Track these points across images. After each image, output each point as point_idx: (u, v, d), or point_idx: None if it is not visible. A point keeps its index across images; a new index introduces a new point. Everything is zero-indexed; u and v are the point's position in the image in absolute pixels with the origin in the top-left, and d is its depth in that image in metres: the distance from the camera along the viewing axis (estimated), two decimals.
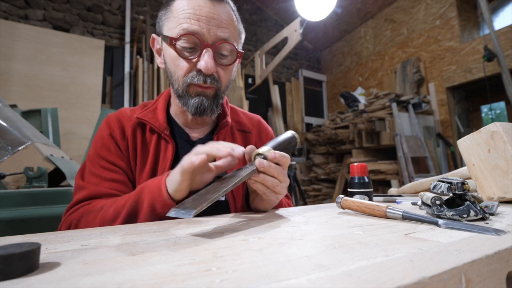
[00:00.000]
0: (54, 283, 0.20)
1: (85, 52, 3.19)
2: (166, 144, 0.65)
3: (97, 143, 0.64)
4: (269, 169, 0.46)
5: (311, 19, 3.37)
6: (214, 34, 0.58)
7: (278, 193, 0.49)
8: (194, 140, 0.69)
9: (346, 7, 4.37)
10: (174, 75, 0.62)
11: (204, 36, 0.58)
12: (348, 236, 0.32)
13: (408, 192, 0.83)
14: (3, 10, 2.92)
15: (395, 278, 0.19)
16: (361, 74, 4.74)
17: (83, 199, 0.58)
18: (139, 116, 0.65)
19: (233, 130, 0.74)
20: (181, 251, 0.27)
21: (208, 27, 0.58)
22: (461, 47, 3.28)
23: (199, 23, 0.57)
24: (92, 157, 0.63)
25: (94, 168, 0.62)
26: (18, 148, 1.20)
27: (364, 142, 3.38)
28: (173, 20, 0.59)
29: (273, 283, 0.19)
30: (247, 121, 0.79)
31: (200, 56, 0.59)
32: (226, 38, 0.60)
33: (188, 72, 0.60)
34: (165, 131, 0.64)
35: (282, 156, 0.48)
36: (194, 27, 0.57)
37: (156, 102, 0.71)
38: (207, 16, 0.57)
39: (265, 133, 0.80)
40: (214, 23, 0.58)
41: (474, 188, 0.44)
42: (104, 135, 0.64)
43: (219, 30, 0.59)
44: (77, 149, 2.89)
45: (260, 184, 0.47)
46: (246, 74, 4.51)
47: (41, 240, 0.34)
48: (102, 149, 0.63)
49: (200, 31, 0.57)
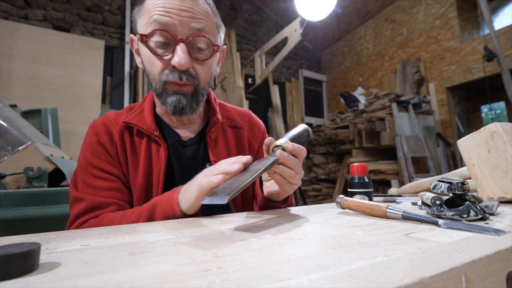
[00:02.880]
0: (54, 283, 0.20)
1: (85, 52, 3.19)
2: (157, 147, 0.63)
3: (86, 152, 0.62)
4: (288, 161, 0.48)
5: (311, 19, 3.37)
6: (187, 26, 0.56)
7: (294, 184, 0.51)
8: (184, 140, 0.68)
9: (346, 7, 4.36)
10: (150, 74, 0.60)
11: (176, 29, 0.56)
12: (348, 236, 0.32)
13: (408, 192, 0.83)
14: (3, 10, 2.92)
15: (395, 278, 0.19)
16: (361, 74, 4.73)
17: (83, 211, 0.57)
18: (126, 120, 0.63)
19: (224, 127, 0.72)
20: (181, 251, 0.27)
21: (180, 19, 0.56)
22: (461, 47, 3.28)
23: (171, 15, 0.55)
24: (83, 166, 0.61)
25: (87, 178, 0.60)
26: (18, 148, 1.20)
27: (364, 142, 3.37)
28: (144, 16, 0.57)
29: (273, 283, 0.19)
30: (238, 117, 0.77)
31: (174, 51, 0.57)
32: (200, 29, 0.58)
33: (163, 69, 0.58)
34: (154, 133, 0.63)
35: (299, 148, 0.50)
36: (165, 19, 0.55)
37: (143, 104, 0.69)
38: (178, 8, 0.56)
39: (257, 127, 0.79)
40: (186, 14, 0.56)
41: (474, 188, 0.44)
42: (92, 142, 0.62)
43: (192, 21, 0.57)
44: (77, 149, 2.89)
45: (279, 175, 0.49)
46: (246, 74, 4.50)
47: (41, 240, 0.34)
48: (92, 157, 0.61)
49: (172, 23, 0.55)
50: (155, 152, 0.63)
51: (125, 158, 0.62)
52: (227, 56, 4.03)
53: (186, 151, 0.67)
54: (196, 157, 0.67)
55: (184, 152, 0.66)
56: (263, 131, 0.80)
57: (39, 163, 1.21)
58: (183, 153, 0.66)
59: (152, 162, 0.62)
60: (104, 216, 0.55)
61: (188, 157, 0.66)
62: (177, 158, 0.65)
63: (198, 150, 0.67)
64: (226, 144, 0.70)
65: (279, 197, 0.57)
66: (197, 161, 0.66)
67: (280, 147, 0.50)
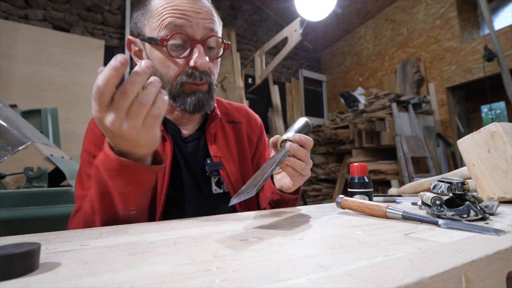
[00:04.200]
0: (54, 283, 0.20)
1: (85, 52, 3.19)
2: (162, 141, 0.63)
3: (89, 146, 0.61)
4: (299, 152, 0.51)
5: (311, 19, 3.37)
6: (202, 27, 0.58)
7: (305, 175, 0.54)
8: (185, 137, 0.68)
9: (346, 7, 4.36)
10: (165, 76, 0.59)
11: (193, 31, 0.57)
12: (348, 236, 0.32)
13: (408, 192, 0.83)
14: (3, 10, 2.92)
15: (395, 278, 0.19)
16: (361, 74, 4.73)
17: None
18: None
19: (223, 122, 0.73)
20: (181, 251, 0.27)
21: (196, 21, 0.57)
22: (461, 47, 3.28)
23: (186, 17, 0.56)
24: (87, 160, 0.60)
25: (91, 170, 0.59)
26: (18, 148, 1.20)
27: (364, 142, 3.37)
28: (155, 20, 0.57)
29: (273, 283, 0.19)
30: (235, 112, 0.78)
31: (192, 53, 0.57)
32: (212, 29, 0.59)
33: (181, 71, 0.59)
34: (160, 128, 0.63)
35: (306, 138, 0.53)
36: (181, 21, 0.55)
37: None
38: (191, 10, 0.56)
39: (254, 121, 0.80)
40: (199, 16, 0.57)
41: (474, 188, 0.44)
42: (95, 135, 0.61)
43: (205, 22, 0.58)
44: (77, 149, 2.89)
45: (291, 168, 0.52)
46: (246, 74, 4.50)
47: (41, 240, 0.34)
48: (97, 150, 0.59)
49: (188, 26, 0.56)
50: (161, 146, 0.63)
51: None
52: (227, 56, 4.03)
53: (187, 147, 0.67)
54: (197, 153, 0.67)
55: (186, 148, 0.67)
56: (260, 125, 0.81)
57: (39, 163, 1.21)
58: (185, 149, 0.67)
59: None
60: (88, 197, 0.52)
61: (189, 153, 0.67)
62: (180, 153, 0.66)
63: (198, 146, 0.68)
64: (225, 139, 0.71)
65: (290, 189, 0.59)
66: (197, 157, 0.67)
67: (287, 140, 0.52)
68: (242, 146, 0.73)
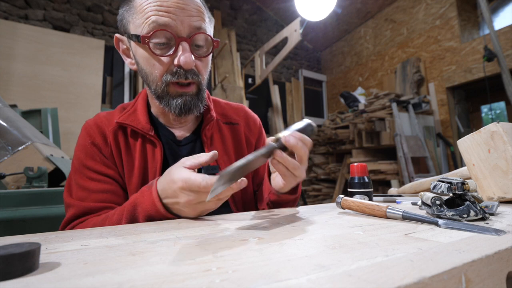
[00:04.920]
0: (54, 283, 0.20)
1: (85, 52, 3.19)
2: (152, 147, 0.62)
3: (80, 154, 0.61)
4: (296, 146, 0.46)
5: (311, 19, 3.37)
6: (188, 24, 0.56)
7: (298, 176, 0.50)
8: (180, 140, 0.67)
9: (346, 7, 4.36)
10: (150, 76, 0.58)
11: (178, 29, 0.55)
12: (348, 236, 0.32)
13: (408, 192, 0.83)
14: (3, 10, 2.92)
15: (395, 278, 0.19)
16: (361, 74, 4.73)
17: (72, 218, 0.57)
18: (119, 121, 0.62)
19: (220, 124, 0.71)
20: (181, 251, 0.27)
21: (181, 18, 0.54)
22: (461, 47, 3.28)
23: (170, 15, 0.54)
24: (77, 168, 0.60)
25: (82, 180, 0.59)
26: (18, 148, 1.20)
27: (364, 142, 3.37)
28: (139, 16, 0.55)
29: (273, 283, 0.19)
30: (233, 113, 0.76)
31: (176, 51, 0.56)
32: (199, 27, 0.57)
33: (166, 70, 0.57)
34: (149, 133, 0.62)
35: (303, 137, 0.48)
36: (165, 19, 0.53)
37: (135, 103, 0.68)
38: (176, 7, 0.54)
39: (252, 121, 0.78)
40: (185, 13, 0.55)
41: (474, 188, 0.44)
42: (86, 144, 0.61)
43: (191, 19, 0.56)
44: None
45: (281, 165, 0.48)
46: (246, 74, 4.50)
47: (41, 240, 0.34)
48: (87, 159, 0.60)
49: (173, 24, 0.54)
50: (151, 152, 0.62)
51: (120, 158, 0.62)
52: (227, 56, 4.03)
53: (182, 150, 0.66)
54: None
55: (180, 152, 0.66)
56: (259, 126, 0.79)
57: (39, 163, 1.21)
58: (179, 152, 0.66)
59: (147, 162, 0.62)
60: (89, 221, 0.55)
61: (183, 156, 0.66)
62: (173, 157, 0.64)
63: (194, 148, 0.67)
64: (222, 141, 0.70)
65: (282, 189, 0.56)
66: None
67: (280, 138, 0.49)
68: (240, 148, 0.72)
